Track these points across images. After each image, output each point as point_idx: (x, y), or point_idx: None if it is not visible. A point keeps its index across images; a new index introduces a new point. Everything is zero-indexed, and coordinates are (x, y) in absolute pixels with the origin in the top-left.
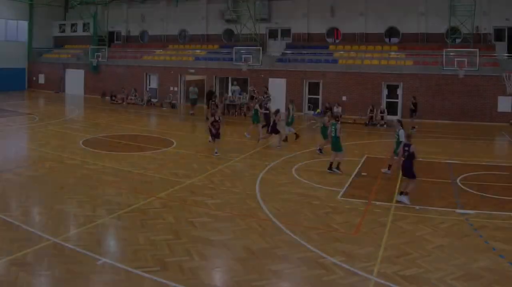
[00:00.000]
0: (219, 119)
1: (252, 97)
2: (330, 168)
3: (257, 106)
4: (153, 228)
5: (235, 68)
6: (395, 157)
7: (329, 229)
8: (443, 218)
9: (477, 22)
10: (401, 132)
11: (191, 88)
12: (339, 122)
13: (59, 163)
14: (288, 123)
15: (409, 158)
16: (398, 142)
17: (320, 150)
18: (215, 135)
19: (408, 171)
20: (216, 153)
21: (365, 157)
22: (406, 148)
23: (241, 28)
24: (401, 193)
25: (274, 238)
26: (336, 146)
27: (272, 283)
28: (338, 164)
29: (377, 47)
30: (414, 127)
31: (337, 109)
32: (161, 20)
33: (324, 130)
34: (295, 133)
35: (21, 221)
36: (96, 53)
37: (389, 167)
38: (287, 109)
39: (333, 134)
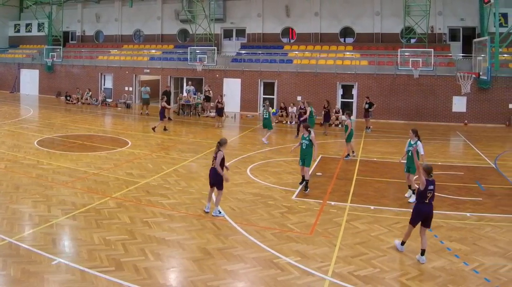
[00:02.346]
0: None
1: (207, 98)
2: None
3: (270, 109)
4: (108, 228)
5: (190, 68)
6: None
7: (284, 229)
8: (398, 218)
9: (432, 22)
10: (419, 145)
11: (143, 88)
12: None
13: (14, 163)
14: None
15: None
16: (417, 157)
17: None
18: (220, 185)
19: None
20: (220, 212)
21: (320, 156)
22: (431, 187)
23: (196, 28)
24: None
25: (229, 238)
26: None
27: (227, 283)
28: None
29: (332, 47)
30: (369, 127)
31: (292, 109)
32: (116, 20)
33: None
34: None
35: None
36: (51, 53)
37: (413, 191)
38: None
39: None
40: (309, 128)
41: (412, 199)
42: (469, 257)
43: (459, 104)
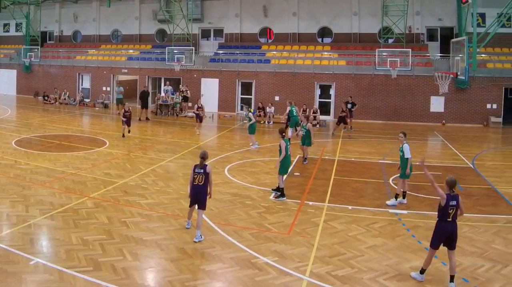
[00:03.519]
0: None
1: (184, 98)
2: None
3: (250, 115)
4: (86, 228)
5: (168, 68)
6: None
7: (262, 229)
8: (376, 218)
9: (409, 22)
10: (406, 147)
11: (116, 88)
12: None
13: None
14: (291, 125)
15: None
16: (404, 161)
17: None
18: (205, 205)
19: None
20: (200, 238)
21: (297, 157)
22: (453, 203)
23: (173, 28)
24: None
25: (207, 238)
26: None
27: (205, 283)
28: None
29: (310, 47)
30: (351, 127)
31: (270, 109)
32: (94, 20)
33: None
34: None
35: None
36: (28, 53)
37: (396, 195)
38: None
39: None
40: (283, 133)
41: (390, 202)
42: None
43: (437, 104)
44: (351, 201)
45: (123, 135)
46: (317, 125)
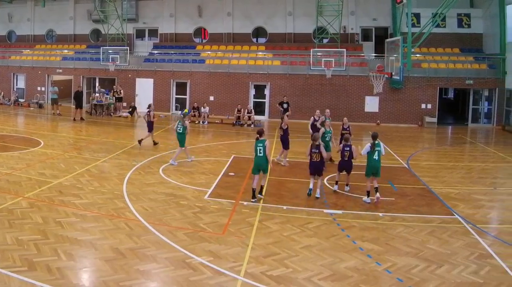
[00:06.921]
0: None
1: (118, 98)
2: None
3: (187, 123)
4: (20, 228)
5: (102, 68)
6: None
7: (197, 229)
8: (311, 218)
9: (344, 22)
10: (366, 146)
11: (51, 88)
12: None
13: None
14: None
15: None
16: (376, 161)
17: None
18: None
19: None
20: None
21: (232, 156)
22: (347, 149)
23: (108, 28)
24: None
25: (141, 238)
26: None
27: (139, 283)
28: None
29: (245, 47)
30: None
31: (204, 110)
32: (28, 20)
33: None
34: None
35: None
36: None
37: (368, 193)
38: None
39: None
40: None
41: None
42: (381, 257)
43: (371, 104)
44: (286, 201)
45: (154, 143)
46: (252, 126)
